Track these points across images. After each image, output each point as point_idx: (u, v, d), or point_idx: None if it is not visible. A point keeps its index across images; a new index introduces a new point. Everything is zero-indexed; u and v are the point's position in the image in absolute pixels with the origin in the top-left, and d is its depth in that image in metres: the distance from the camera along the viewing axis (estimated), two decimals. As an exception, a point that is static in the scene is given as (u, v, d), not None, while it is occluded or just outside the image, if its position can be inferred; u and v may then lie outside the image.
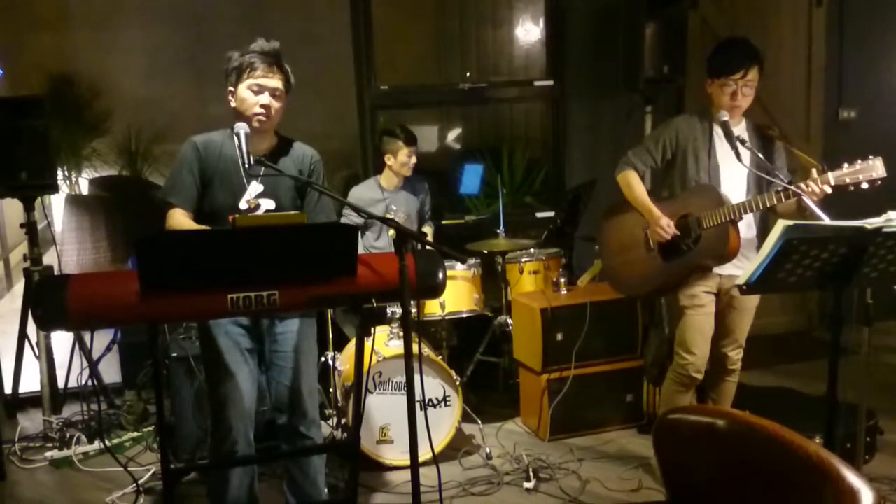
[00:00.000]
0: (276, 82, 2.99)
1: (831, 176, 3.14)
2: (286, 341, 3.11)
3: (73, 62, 8.21)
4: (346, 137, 6.09)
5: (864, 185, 3.11)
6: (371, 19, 5.32)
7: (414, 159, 4.75)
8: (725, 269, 3.60)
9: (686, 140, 3.61)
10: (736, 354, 3.73)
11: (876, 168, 3.09)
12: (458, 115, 8.16)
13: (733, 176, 3.55)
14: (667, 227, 3.53)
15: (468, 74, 5.77)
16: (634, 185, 3.70)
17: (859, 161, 3.11)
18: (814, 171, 3.18)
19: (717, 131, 3.58)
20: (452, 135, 8.27)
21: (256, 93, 2.97)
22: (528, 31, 7.22)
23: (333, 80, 6.20)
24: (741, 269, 3.54)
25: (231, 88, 3.03)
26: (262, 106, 2.96)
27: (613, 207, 3.91)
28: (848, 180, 3.12)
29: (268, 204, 2.98)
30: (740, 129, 3.61)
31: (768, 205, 3.31)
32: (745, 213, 3.37)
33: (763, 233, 3.59)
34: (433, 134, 8.20)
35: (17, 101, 4.47)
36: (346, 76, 5.42)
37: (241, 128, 2.89)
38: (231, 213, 2.92)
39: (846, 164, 3.13)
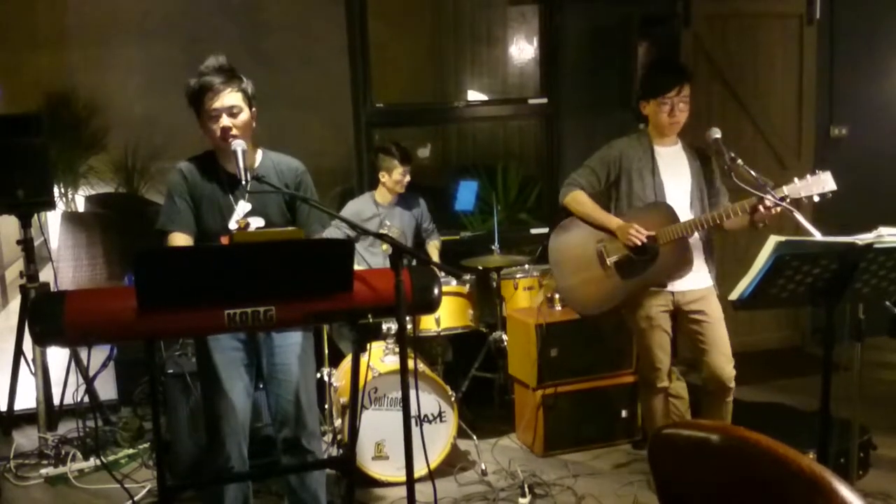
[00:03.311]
0: (231, 99, 2.95)
1: (786, 189, 3.27)
2: (285, 354, 3.11)
3: (70, 80, 8.25)
4: (342, 155, 6.12)
5: (816, 199, 3.24)
6: (367, 39, 5.35)
7: (408, 177, 4.78)
8: (677, 286, 3.66)
9: (629, 161, 3.69)
10: (731, 370, 3.70)
11: (826, 182, 3.23)
12: (453, 133, 8.21)
13: (677, 193, 3.65)
14: (639, 229, 3.54)
15: (461, 103, 5.78)
16: (585, 202, 3.74)
17: (809, 175, 3.25)
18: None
19: (658, 151, 3.68)
20: (448, 152, 8.31)
21: (214, 117, 2.94)
22: (523, 50, 7.27)
23: (330, 99, 6.23)
24: (692, 281, 3.65)
25: (197, 117, 3.02)
26: (222, 129, 2.93)
27: (561, 227, 3.95)
28: (802, 194, 3.25)
29: (257, 222, 2.99)
30: (677, 148, 3.71)
31: (725, 219, 3.42)
32: (701, 228, 3.48)
33: (707, 243, 3.69)
34: (428, 151, 8.23)
35: (14, 119, 4.48)
36: (343, 94, 5.44)
37: (239, 145, 2.89)
38: (221, 235, 2.94)
39: (797, 179, 3.26)
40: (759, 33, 5.83)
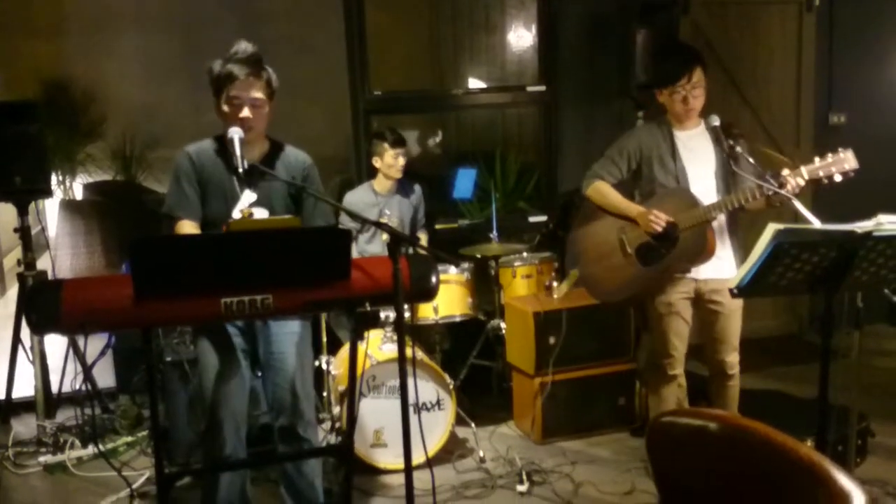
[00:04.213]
0: (255, 91, 2.95)
1: (804, 170, 3.19)
2: (282, 343, 3.11)
3: (68, 68, 8.24)
4: (340, 143, 6.11)
5: (838, 178, 3.16)
6: (365, 26, 5.33)
7: (401, 161, 4.72)
8: (701, 273, 3.62)
9: (650, 148, 3.64)
10: (733, 359, 3.74)
11: (848, 160, 3.14)
12: (451, 120, 8.19)
13: (701, 177, 3.58)
14: (658, 215, 3.51)
15: (459, 90, 5.73)
16: (607, 192, 3.71)
17: (830, 154, 3.16)
18: (784, 170, 3.22)
19: (678, 136, 3.62)
20: (446, 139, 8.29)
21: (236, 106, 2.94)
22: (521, 37, 7.25)
23: (328, 87, 6.23)
24: (716, 270, 3.59)
25: (215, 98, 3.02)
26: (242, 119, 2.93)
27: (586, 216, 3.93)
28: (821, 173, 3.17)
29: (261, 213, 2.97)
30: (700, 130, 3.63)
31: (743, 202, 3.35)
32: (720, 212, 3.42)
33: (732, 230, 3.63)
34: (426, 138, 8.22)
35: (11, 106, 4.46)
36: (341, 82, 5.43)
37: (236, 133, 2.88)
38: (224, 223, 2.93)
39: (818, 158, 3.18)
40: (758, 20, 5.81)
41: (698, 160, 3.58)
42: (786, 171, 3.21)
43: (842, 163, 3.14)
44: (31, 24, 8.11)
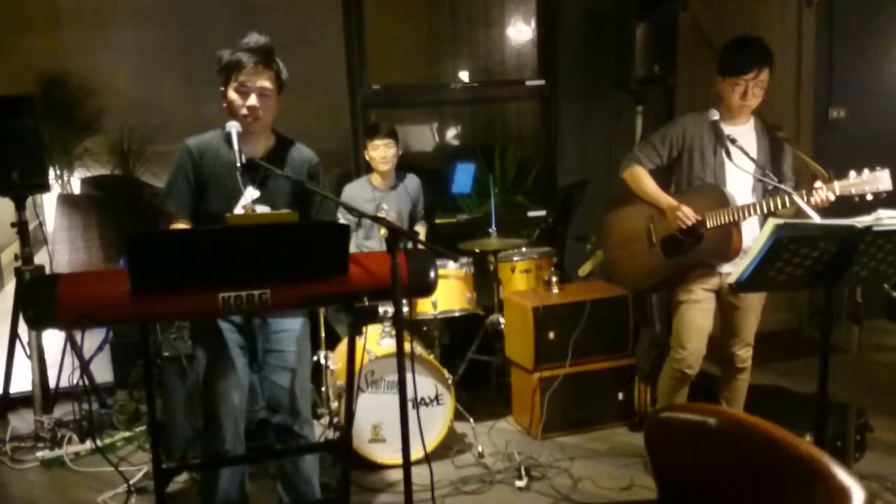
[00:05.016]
0: (263, 81, 2.93)
1: (837, 186, 3.13)
2: (280, 341, 3.10)
3: (65, 63, 8.23)
4: (338, 137, 6.09)
5: (869, 197, 3.09)
6: (363, 20, 5.31)
7: (389, 152, 4.68)
8: (726, 268, 3.59)
9: (692, 138, 3.60)
10: (745, 353, 3.74)
11: (882, 180, 3.07)
12: (450, 115, 8.18)
13: (739, 175, 3.53)
14: (687, 212, 3.49)
15: (457, 85, 5.71)
16: (643, 178, 3.68)
17: (866, 171, 3.09)
18: (818, 182, 3.17)
19: (725, 130, 3.56)
20: (444, 134, 8.28)
21: (243, 94, 2.92)
22: (520, 32, 7.24)
23: (326, 81, 6.21)
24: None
25: (221, 88, 2.99)
26: (249, 108, 2.91)
27: (617, 200, 3.91)
28: (853, 191, 3.10)
29: (264, 210, 2.95)
30: (747, 127, 3.59)
31: (772, 209, 3.29)
32: (749, 215, 3.37)
33: None
34: (425, 133, 8.21)
35: (8, 101, 4.45)
36: (339, 76, 5.42)
37: (233, 126, 2.86)
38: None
39: (853, 174, 3.11)
40: (757, 15, 5.79)
41: (739, 157, 3.49)
42: (818, 184, 3.16)
43: (876, 182, 3.07)
44: (27, 19, 8.09)
